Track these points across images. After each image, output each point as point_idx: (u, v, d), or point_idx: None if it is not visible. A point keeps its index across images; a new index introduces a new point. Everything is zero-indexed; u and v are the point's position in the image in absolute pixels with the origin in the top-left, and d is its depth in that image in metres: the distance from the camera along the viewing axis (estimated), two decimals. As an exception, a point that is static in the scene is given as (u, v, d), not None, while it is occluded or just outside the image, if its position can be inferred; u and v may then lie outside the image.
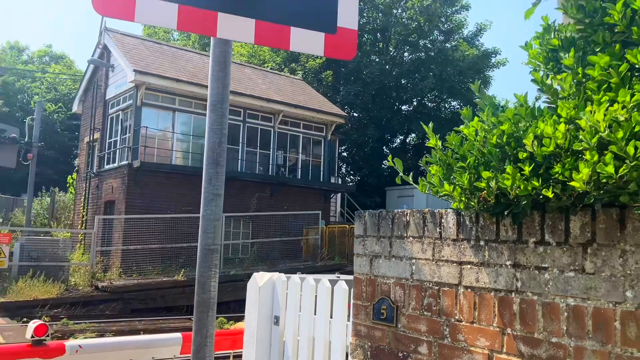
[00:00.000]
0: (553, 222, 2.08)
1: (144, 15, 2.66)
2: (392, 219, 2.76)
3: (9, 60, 58.46)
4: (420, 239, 2.60)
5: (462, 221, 2.40)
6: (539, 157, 1.95)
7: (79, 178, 23.21)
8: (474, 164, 2.20)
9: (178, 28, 2.78)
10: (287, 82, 26.08)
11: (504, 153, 2.11)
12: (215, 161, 3.20)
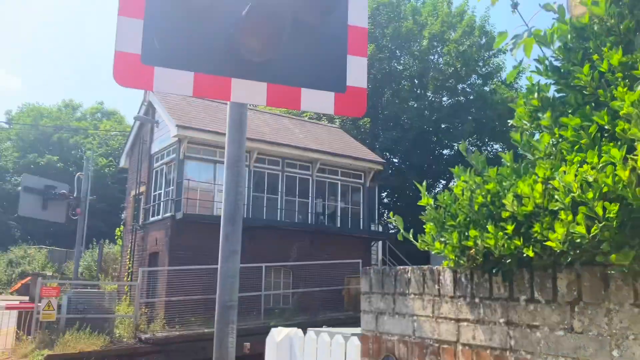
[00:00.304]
0: (541, 280, 2.08)
1: (162, 84, 2.87)
2: (394, 276, 2.79)
3: (64, 118, 61.58)
4: (421, 295, 2.62)
5: (458, 278, 2.42)
6: (520, 216, 1.98)
7: (125, 230, 23.94)
8: (464, 222, 2.23)
9: (194, 95, 2.97)
10: (324, 131, 26.50)
11: (489, 212, 2.14)
12: (231, 219, 3.33)
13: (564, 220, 1.71)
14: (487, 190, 2.07)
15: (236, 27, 2.90)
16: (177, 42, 2.90)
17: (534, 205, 1.84)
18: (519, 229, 1.93)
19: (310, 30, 3.17)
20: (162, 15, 2.89)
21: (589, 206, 1.65)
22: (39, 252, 41.35)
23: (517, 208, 1.88)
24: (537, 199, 1.83)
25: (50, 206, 15.46)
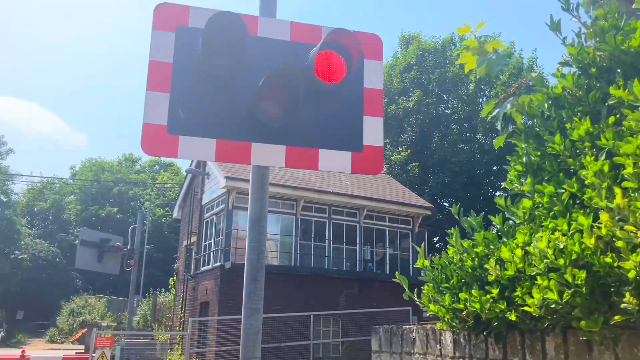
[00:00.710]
0: (532, 343, 2.10)
1: (186, 151, 3.10)
2: (401, 335, 2.84)
3: (124, 171, 64.27)
4: (425, 355, 2.65)
5: (457, 339, 2.44)
6: (503, 280, 2.01)
7: (178, 280, 24.48)
8: (457, 284, 2.28)
9: (216, 160, 3.19)
10: (371, 177, 26.59)
11: (478, 275, 2.18)
12: (253, 277, 3.48)
13: (540, 285, 1.74)
14: (476, 254, 2.12)
15: (254, 95, 3.11)
16: (200, 112, 3.14)
17: (515, 269, 1.88)
18: (503, 293, 1.96)
19: (327, 94, 3.35)
20: (186, 89, 3.15)
21: (560, 272, 1.68)
22: (98, 301, 42.57)
23: (499, 272, 1.92)
24: (518, 264, 1.87)
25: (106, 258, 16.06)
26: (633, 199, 1.54)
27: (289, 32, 3.50)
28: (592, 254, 1.68)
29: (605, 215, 1.62)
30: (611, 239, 1.66)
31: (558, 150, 2.02)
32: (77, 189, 60.54)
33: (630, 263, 1.53)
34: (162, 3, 3.32)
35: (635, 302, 1.57)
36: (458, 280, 2.28)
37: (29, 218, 59.67)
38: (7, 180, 49.69)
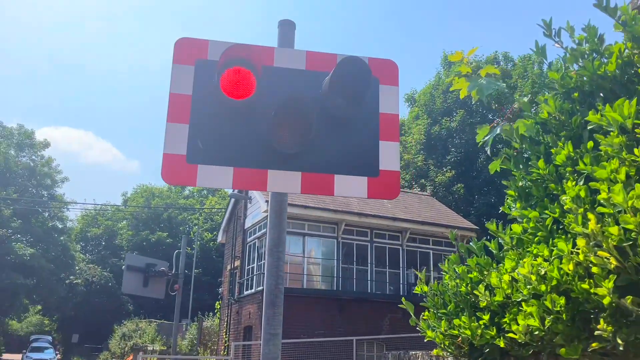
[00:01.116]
0: (526, 370, 2.05)
1: (205, 180, 3.22)
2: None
3: (174, 196, 65.86)
4: (429, 382, 2.62)
5: (458, 366, 2.41)
6: (493, 306, 1.99)
7: (222, 304, 24.76)
8: (454, 310, 2.26)
9: (233, 187, 3.30)
10: (414, 199, 26.35)
11: (471, 301, 2.16)
12: (272, 302, 3.53)
13: (525, 312, 1.71)
14: (470, 279, 2.11)
15: (269, 124, 3.20)
16: (217, 141, 3.25)
17: (504, 295, 1.86)
18: (493, 319, 1.93)
19: (342, 120, 3.41)
20: (205, 119, 3.27)
21: (542, 299, 1.65)
22: (149, 325, 43.36)
23: (489, 298, 1.90)
24: (506, 290, 1.85)
25: (151, 283, 16.41)
26: (606, 224, 1.51)
27: (304, 61, 3.59)
28: (571, 280, 1.65)
29: (581, 240, 1.59)
30: (588, 265, 1.63)
31: (542, 176, 2.00)
32: (128, 215, 62.35)
33: (603, 290, 1.49)
34: (182, 38, 3.48)
35: (610, 329, 1.53)
36: (456, 306, 2.27)
37: (83, 244, 61.72)
38: (63, 208, 51.71)
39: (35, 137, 51.59)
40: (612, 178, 1.50)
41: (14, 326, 59.23)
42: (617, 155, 1.57)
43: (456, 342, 2.21)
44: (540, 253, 1.79)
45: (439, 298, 2.48)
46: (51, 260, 45.92)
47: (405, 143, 36.69)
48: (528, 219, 1.99)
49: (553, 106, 1.96)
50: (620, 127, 1.58)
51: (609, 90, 1.81)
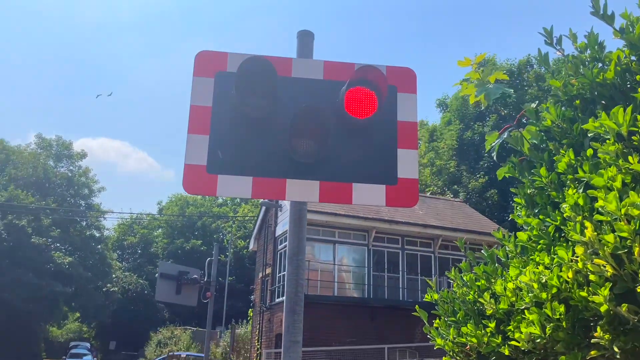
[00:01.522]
0: (534, 378, 2.03)
1: (224, 189, 3.28)
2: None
3: (207, 205, 66.71)
4: (442, 390, 2.60)
5: (470, 374, 2.39)
6: (498, 314, 1.98)
7: (254, 312, 24.92)
8: (463, 318, 2.25)
9: (252, 197, 3.35)
10: (446, 206, 26.09)
11: (478, 308, 2.15)
12: (292, 310, 3.56)
13: (527, 319, 1.70)
14: (478, 287, 2.10)
15: (286, 133, 3.25)
16: (237, 152, 3.31)
17: (509, 303, 1.85)
18: (499, 327, 1.92)
19: (360, 129, 3.43)
20: (224, 130, 3.34)
21: (543, 307, 1.64)
22: (184, 332, 43.91)
23: (494, 306, 1.89)
24: (511, 298, 1.84)
25: (184, 291, 16.61)
26: (603, 232, 1.50)
27: (322, 71, 3.62)
28: (570, 287, 1.63)
29: (580, 248, 1.58)
30: (587, 273, 1.61)
31: (544, 184, 1.98)
32: (163, 223, 63.42)
33: (599, 297, 1.48)
34: (202, 51, 3.56)
35: (608, 337, 1.51)
36: (465, 314, 2.26)
37: (120, 252, 63.00)
38: (100, 217, 52.94)
39: (72, 148, 53.07)
40: (608, 186, 1.49)
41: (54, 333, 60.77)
42: (614, 162, 1.56)
43: (464, 350, 2.20)
44: (541, 261, 1.78)
45: (448, 306, 2.48)
46: (89, 269, 47.02)
47: (437, 149, 36.37)
48: (532, 227, 1.98)
49: (554, 114, 1.95)
50: (617, 135, 1.57)
51: (609, 98, 1.79)
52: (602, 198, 1.48)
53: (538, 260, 1.84)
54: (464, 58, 2.36)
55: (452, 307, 2.38)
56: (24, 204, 42.01)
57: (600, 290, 1.47)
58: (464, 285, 2.22)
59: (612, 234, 1.44)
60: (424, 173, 34.45)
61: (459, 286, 2.27)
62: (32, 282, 39.95)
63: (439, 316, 2.49)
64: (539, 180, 2.03)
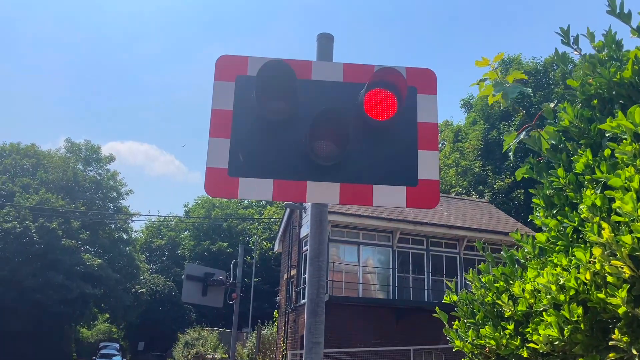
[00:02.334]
0: (553, 381, 2.01)
1: (246, 192, 3.33)
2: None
3: (233, 207, 67.20)
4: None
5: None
6: (516, 316, 1.96)
7: (280, 313, 25.03)
8: (482, 320, 2.24)
9: (273, 199, 3.39)
10: (471, 207, 25.83)
11: (496, 311, 2.14)
12: (314, 311, 3.59)
13: (545, 321, 1.69)
14: (497, 289, 2.08)
15: (306, 136, 3.28)
16: (258, 155, 3.35)
17: (527, 305, 1.83)
18: (517, 329, 1.90)
19: (380, 130, 3.45)
20: (245, 133, 3.39)
21: (561, 309, 1.62)
22: (211, 334, 44.29)
23: (512, 308, 1.88)
24: (529, 299, 1.82)
25: (210, 292, 16.78)
26: (620, 233, 1.48)
27: (341, 73, 3.64)
28: (588, 289, 1.62)
29: (597, 250, 1.56)
30: (605, 274, 1.59)
31: (562, 185, 1.96)
32: (190, 225, 64.11)
33: (617, 299, 1.46)
34: (223, 55, 3.61)
35: (626, 339, 1.49)
36: (484, 315, 2.25)
37: (148, 254, 63.83)
38: (128, 219, 53.75)
39: (101, 151, 54.03)
40: (626, 186, 1.47)
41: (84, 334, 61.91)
42: (632, 162, 1.54)
43: (484, 352, 2.19)
44: (559, 262, 1.76)
45: (467, 307, 2.47)
46: (117, 270, 47.77)
47: (462, 149, 36.03)
48: (550, 228, 1.96)
49: (572, 114, 1.93)
50: (634, 135, 1.55)
51: (627, 97, 1.77)
52: (619, 199, 1.46)
53: (556, 262, 1.82)
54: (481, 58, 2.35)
55: (471, 309, 2.37)
56: (55, 207, 42.92)
57: (617, 292, 1.45)
58: (482, 287, 2.21)
59: (630, 235, 1.42)
60: (449, 174, 34.17)
61: (477, 288, 2.26)
62: (62, 284, 40.77)
63: (459, 318, 2.48)
64: (556, 181, 2.01)
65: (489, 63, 2.39)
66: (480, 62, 2.44)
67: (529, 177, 2.20)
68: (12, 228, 40.13)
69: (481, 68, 2.66)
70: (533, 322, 1.84)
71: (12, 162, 48.41)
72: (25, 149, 49.94)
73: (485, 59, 2.39)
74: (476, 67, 2.61)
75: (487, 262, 2.44)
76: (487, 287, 2.19)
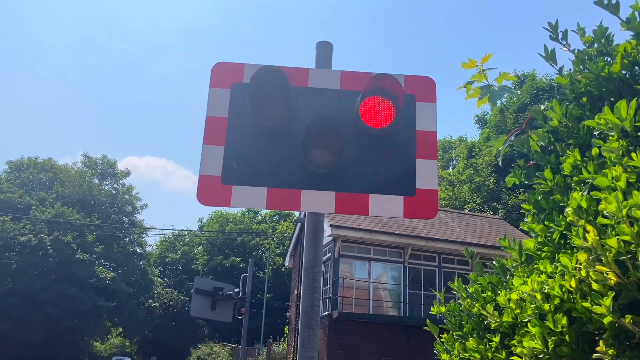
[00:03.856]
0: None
1: (239, 200, 3.25)
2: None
3: (247, 222, 67.29)
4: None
5: (479, 392, 2.26)
6: (502, 327, 1.85)
7: (290, 329, 24.81)
8: (469, 331, 2.13)
9: (267, 207, 3.32)
10: (484, 223, 25.51)
11: (483, 322, 2.02)
12: (307, 325, 3.49)
13: (530, 333, 1.57)
14: (484, 299, 1.97)
15: (302, 144, 3.21)
16: (251, 162, 3.29)
17: (513, 316, 1.72)
18: (503, 341, 1.79)
19: (376, 139, 3.37)
20: (239, 141, 3.33)
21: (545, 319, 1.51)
22: (223, 349, 44.10)
23: (498, 319, 1.77)
24: (515, 310, 1.71)
25: (219, 307, 16.70)
26: (607, 236, 1.37)
27: (339, 81, 3.58)
28: (573, 298, 1.50)
29: (582, 255, 1.45)
30: (590, 282, 1.48)
31: (550, 188, 1.86)
32: (204, 240, 64.24)
33: (602, 308, 1.35)
34: (219, 62, 3.57)
35: (612, 352, 1.36)
36: (471, 327, 2.13)
37: (161, 268, 63.99)
38: (143, 234, 54.01)
39: (117, 166, 54.55)
40: (613, 186, 1.37)
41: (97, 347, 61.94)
42: (619, 161, 1.44)
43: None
44: (544, 269, 1.66)
45: (456, 319, 2.36)
46: (131, 284, 47.91)
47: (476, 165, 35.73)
48: (536, 234, 1.86)
49: (559, 112, 1.83)
50: (622, 131, 1.45)
51: (617, 93, 1.67)
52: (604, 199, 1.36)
53: (542, 269, 1.71)
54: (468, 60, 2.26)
55: (460, 321, 2.26)
56: (70, 220, 43.28)
57: (602, 300, 1.34)
58: (468, 297, 2.10)
59: (615, 238, 1.32)
60: (463, 190, 33.85)
61: (463, 298, 2.15)
62: (76, 297, 40.94)
63: (447, 330, 2.37)
64: (544, 183, 1.90)
65: (475, 65, 2.30)
66: (467, 63, 2.35)
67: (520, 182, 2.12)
68: (28, 241, 40.50)
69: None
70: (518, 334, 1.72)
71: (29, 176, 49.03)
72: (42, 163, 50.60)
73: (472, 60, 2.30)
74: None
75: (476, 272, 2.34)
76: (473, 297, 2.08)
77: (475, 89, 2.35)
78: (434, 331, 2.51)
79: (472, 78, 2.38)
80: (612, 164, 1.48)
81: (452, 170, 41.86)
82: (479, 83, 2.31)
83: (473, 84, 2.37)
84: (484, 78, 2.28)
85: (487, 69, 2.22)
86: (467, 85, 2.38)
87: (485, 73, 2.22)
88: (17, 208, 45.01)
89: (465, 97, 2.37)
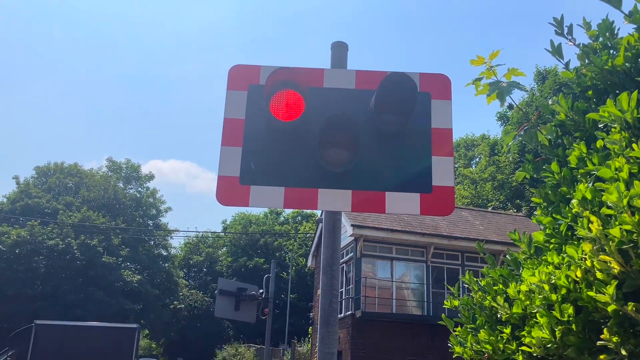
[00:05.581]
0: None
1: (257, 200, 3.32)
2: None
3: (269, 223, 67.53)
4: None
5: (493, 384, 2.28)
6: (513, 319, 1.87)
7: (313, 329, 24.87)
8: (482, 324, 2.15)
9: (284, 207, 3.38)
10: (508, 221, 25.25)
11: (494, 314, 2.04)
12: (326, 321, 3.54)
13: (538, 323, 1.59)
14: (495, 292, 1.99)
15: (317, 143, 3.26)
16: (269, 163, 3.36)
17: (522, 307, 1.74)
18: (514, 332, 1.81)
19: (392, 136, 3.40)
20: (257, 142, 3.40)
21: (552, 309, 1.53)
22: (248, 350, 44.32)
23: (508, 310, 1.79)
24: (525, 301, 1.73)
25: (242, 307, 16.83)
26: (609, 226, 1.39)
27: (354, 81, 3.62)
28: (580, 287, 1.52)
29: (587, 245, 1.47)
30: (595, 271, 1.50)
31: (556, 180, 1.87)
32: (227, 242, 64.69)
33: (605, 297, 1.36)
34: (236, 65, 3.64)
35: (616, 339, 1.38)
36: (484, 320, 2.15)
37: (186, 270, 64.58)
38: (167, 236, 54.63)
39: (141, 170, 55.29)
40: (616, 177, 1.39)
41: (125, 349, 62.70)
42: (622, 152, 1.45)
43: (483, 358, 2.10)
44: (552, 260, 1.68)
45: (469, 312, 2.38)
46: (156, 286, 48.47)
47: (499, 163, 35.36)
48: (545, 226, 1.87)
49: (565, 106, 1.84)
50: (625, 122, 1.46)
51: (621, 86, 1.68)
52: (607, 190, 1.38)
53: (549, 260, 1.73)
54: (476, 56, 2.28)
55: (473, 314, 2.28)
56: (96, 224, 44.01)
57: (605, 289, 1.36)
58: (479, 290, 2.12)
59: (618, 228, 1.33)
60: (485, 188, 33.54)
61: (475, 291, 2.17)
62: (102, 300, 41.59)
63: (461, 324, 2.39)
64: (551, 176, 1.92)
65: (484, 62, 2.32)
66: (476, 61, 2.37)
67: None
68: (56, 245, 41.30)
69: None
70: (528, 325, 1.75)
71: (56, 181, 50.00)
72: (68, 168, 51.54)
73: (481, 57, 2.32)
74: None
75: (488, 265, 2.36)
76: (485, 290, 2.10)
77: (485, 85, 2.38)
78: (448, 325, 2.54)
79: (481, 75, 2.40)
80: (616, 156, 1.49)
81: (474, 169, 41.46)
82: (488, 80, 2.34)
83: (482, 81, 2.40)
84: (493, 74, 2.30)
85: (496, 66, 2.25)
86: (476, 82, 2.40)
87: (494, 69, 2.25)
88: (44, 213, 45.92)
89: (475, 94, 2.40)
